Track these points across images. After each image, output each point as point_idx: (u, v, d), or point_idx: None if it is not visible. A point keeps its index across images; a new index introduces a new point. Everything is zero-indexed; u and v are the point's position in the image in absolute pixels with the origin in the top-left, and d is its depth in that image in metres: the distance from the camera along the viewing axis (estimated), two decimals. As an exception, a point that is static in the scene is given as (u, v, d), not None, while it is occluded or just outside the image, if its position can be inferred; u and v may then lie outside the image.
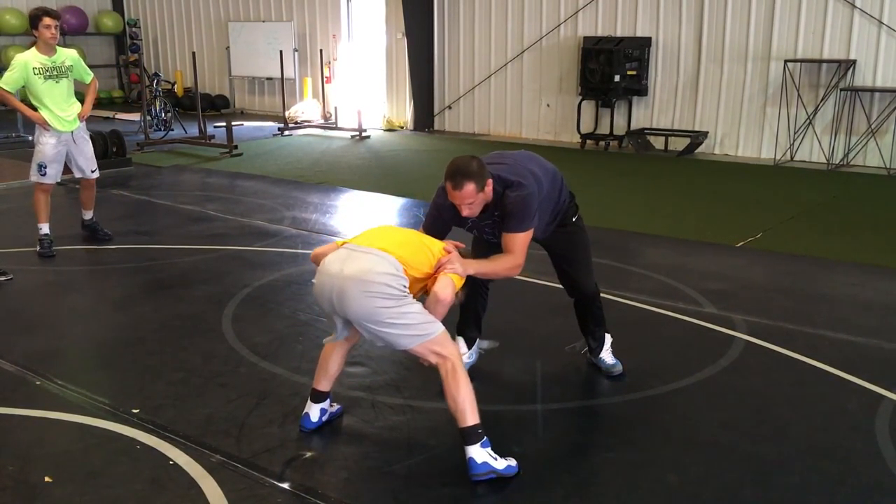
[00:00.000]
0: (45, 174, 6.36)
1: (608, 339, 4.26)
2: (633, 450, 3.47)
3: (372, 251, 3.23)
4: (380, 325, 3.15)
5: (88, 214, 6.86)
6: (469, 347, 4.21)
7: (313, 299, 5.37)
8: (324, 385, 3.58)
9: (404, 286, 3.18)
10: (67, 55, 6.37)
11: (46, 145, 6.31)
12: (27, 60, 6.15)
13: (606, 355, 4.23)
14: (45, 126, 6.25)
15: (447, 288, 3.28)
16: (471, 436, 3.12)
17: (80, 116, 6.43)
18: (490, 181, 3.50)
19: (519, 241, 3.57)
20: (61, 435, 3.59)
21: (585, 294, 4.09)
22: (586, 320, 4.21)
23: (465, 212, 3.51)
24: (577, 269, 4.05)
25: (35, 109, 6.24)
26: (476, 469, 3.09)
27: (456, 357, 3.21)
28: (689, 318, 5.04)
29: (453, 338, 4.25)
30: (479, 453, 3.10)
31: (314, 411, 3.56)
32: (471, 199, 3.45)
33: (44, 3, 16.89)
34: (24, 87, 6.18)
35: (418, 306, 3.22)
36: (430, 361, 3.23)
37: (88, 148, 6.61)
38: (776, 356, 4.46)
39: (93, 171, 6.66)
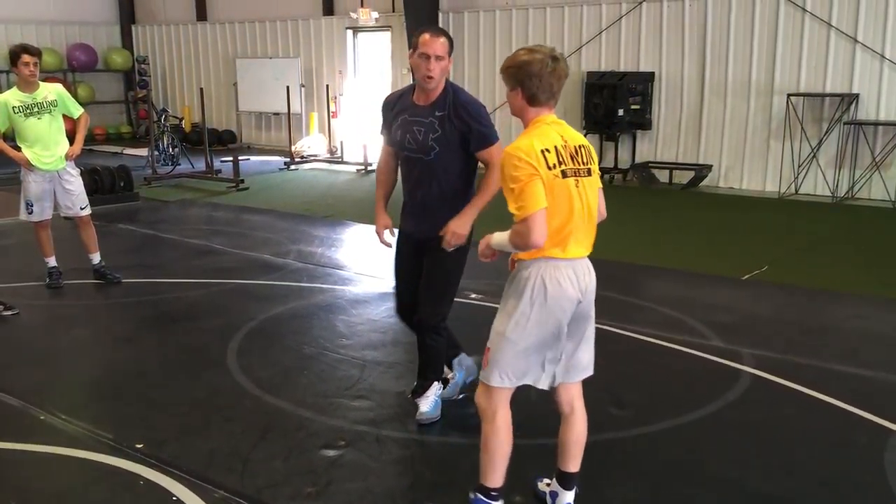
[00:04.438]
0: (31, 212, 6.28)
1: (436, 387, 4.01)
2: (641, 485, 3.43)
3: (585, 260, 2.95)
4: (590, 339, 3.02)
5: (96, 258, 6.63)
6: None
7: (319, 333, 5.41)
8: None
9: None
10: (50, 90, 6.23)
11: (31, 183, 6.23)
12: (6, 100, 6.08)
13: (425, 402, 3.96)
14: (28, 167, 6.17)
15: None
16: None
17: (67, 156, 6.27)
18: (450, 63, 3.67)
19: (495, 150, 3.65)
20: (64, 470, 3.57)
21: (422, 318, 3.85)
22: (419, 353, 3.99)
23: (432, 66, 3.55)
24: (427, 288, 3.83)
25: (19, 149, 6.16)
26: None
27: None
28: (695, 352, 5.01)
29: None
30: None
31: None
32: (442, 52, 3.57)
33: (52, 38, 17.26)
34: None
35: None
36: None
37: (76, 186, 6.41)
38: (784, 390, 4.42)
39: (82, 209, 6.45)
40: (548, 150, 2.78)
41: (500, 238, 2.88)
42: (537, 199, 2.70)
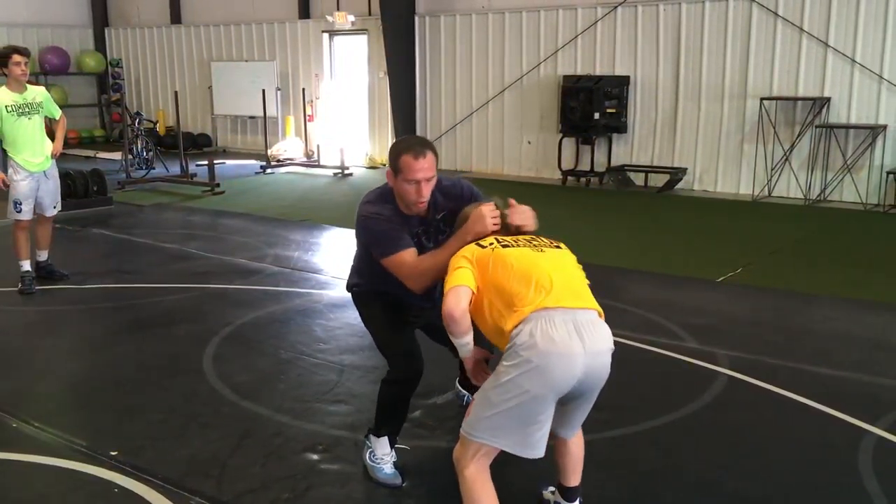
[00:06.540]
0: (20, 211, 6.32)
1: None
2: (616, 487, 3.45)
3: (591, 313, 2.74)
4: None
5: (44, 255, 6.71)
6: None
7: (296, 337, 5.39)
8: None
9: None
10: (37, 91, 6.38)
11: (20, 183, 6.27)
12: None
13: None
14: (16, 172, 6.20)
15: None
16: None
17: (52, 154, 6.42)
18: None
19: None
20: (38, 479, 3.52)
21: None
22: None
23: (423, 191, 3.10)
24: None
25: (5, 152, 6.21)
26: None
27: None
28: (671, 353, 5.04)
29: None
30: None
31: None
32: (432, 172, 3.11)
33: (25, 41, 17.02)
34: None
35: None
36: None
37: (55, 185, 6.55)
38: (759, 391, 4.47)
39: (55, 208, 6.59)
40: (483, 238, 2.93)
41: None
42: (458, 278, 2.77)
